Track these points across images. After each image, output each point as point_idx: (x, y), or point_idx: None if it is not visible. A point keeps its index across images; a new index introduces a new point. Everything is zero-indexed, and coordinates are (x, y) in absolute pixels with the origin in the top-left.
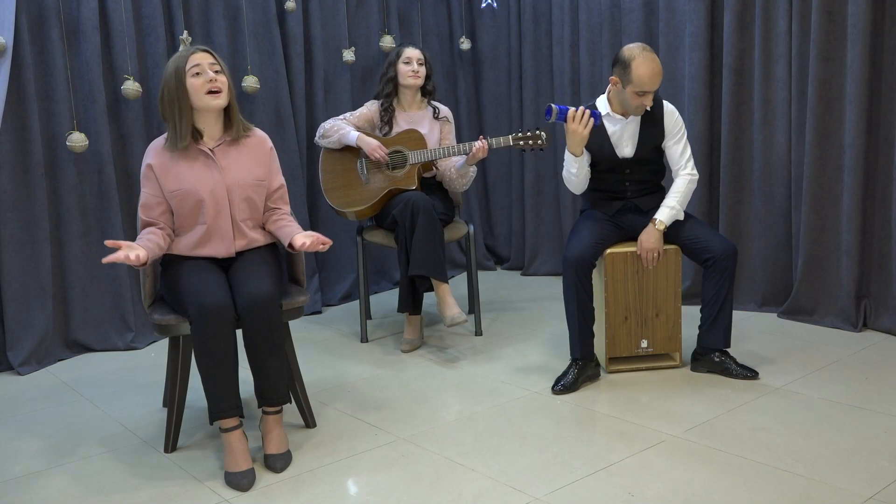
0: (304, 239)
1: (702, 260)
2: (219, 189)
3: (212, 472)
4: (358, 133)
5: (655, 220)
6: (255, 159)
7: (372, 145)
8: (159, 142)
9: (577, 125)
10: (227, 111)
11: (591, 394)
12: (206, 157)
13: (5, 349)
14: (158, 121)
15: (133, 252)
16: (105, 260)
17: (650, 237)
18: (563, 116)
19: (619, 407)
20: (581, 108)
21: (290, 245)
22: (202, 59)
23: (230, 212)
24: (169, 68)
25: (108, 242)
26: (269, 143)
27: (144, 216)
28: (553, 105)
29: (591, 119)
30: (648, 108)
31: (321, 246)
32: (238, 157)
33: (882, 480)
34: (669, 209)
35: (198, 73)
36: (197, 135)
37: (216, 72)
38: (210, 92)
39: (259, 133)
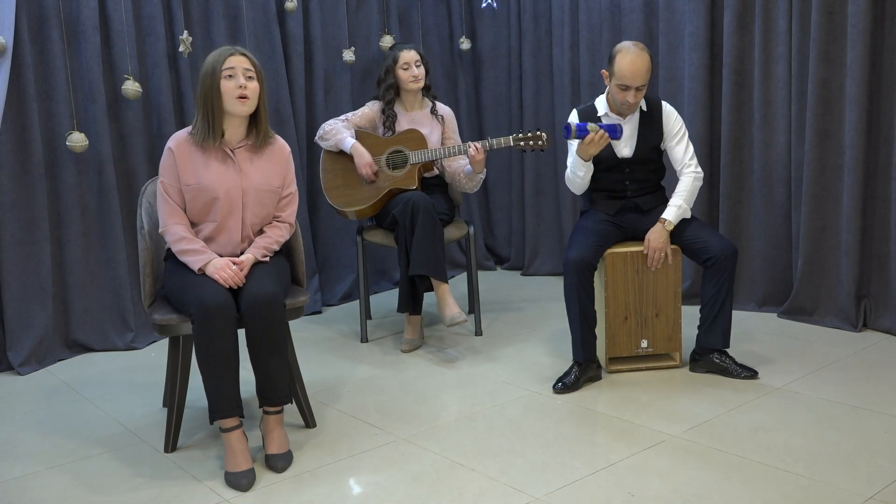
0: (241, 259)
1: (702, 260)
2: (234, 190)
3: (212, 472)
4: (354, 141)
5: (664, 219)
6: (274, 166)
7: (363, 160)
8: (182, 134)
9: (593, 146)
10: (253, 117)
11: (592, 394)
12: (227, 157)
13: (5, 349)
14: (158, 121)
15: (228, 269)
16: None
17: (658, 236)
18: (581, 135)
19: (619, 407)
20: (601, 131)
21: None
22: (238, 63)
23: (242, 214)
24: (207, 65)
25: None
26: (288, 150)
27: (168, 197)
28: (571, 123)
29: (609, 138)
30: (642, 107)
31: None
32: (258, 161)
33: (882, 480)
34: (676, 208)
35: (230, 76)
36: (219, 135)
37: (248, 78)
38: (239, 97)
39: (279, 140)
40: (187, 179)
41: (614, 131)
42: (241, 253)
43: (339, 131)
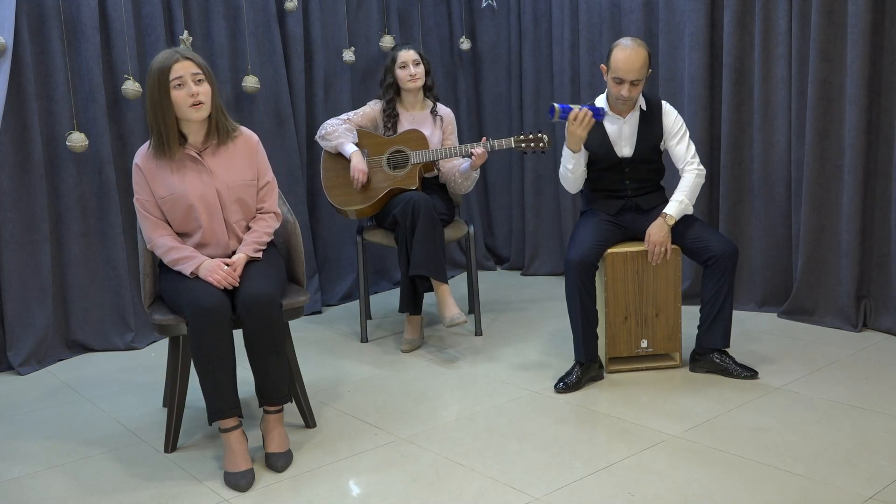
0: (233, 260)
1: (703, 260)
2: (209, 193)
3: (212, 472)
4: (356, 149)
5: (665, 214)
6: (244, 159)
7: (356, 168)
8: (146, 148)
9: (577, 126)
10: (211, 116)
11: (592, 393)
12: (193, 161)
13: (5, 349)
14: None
15: (220, 270)
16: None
17: (659, 231)
18: (565, 115)
19: (620, 407)
20: (584, 108)
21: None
22: (184, 70)
23: (223, 215)
24: (152, 76)
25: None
26: (255, 139)
27: (147, 213)
28: (556, 105)
29: (593, 119)
30: (641, 106)
31: (227, 280)
32: (226, 158)
33: (882, 480)
34: (678, 203)
35: (180, 85)
36: (182, 139)
37: (199, 81)
38: (193, 105)
39: (245, 132)
40: (160, 192)
41: (598, 112)
42: (234, 252)
43: (340, 134)
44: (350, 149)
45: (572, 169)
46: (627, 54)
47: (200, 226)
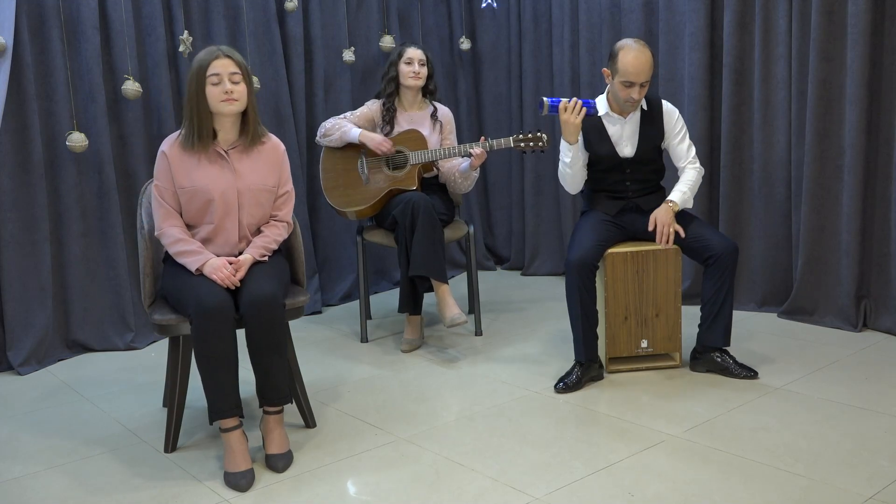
0: (238, 259)
1: (703, 259)
2: (230, 191)
3: (212, 472)
4: (360, 130)
5: (670, 200)
6: (269, 166)
7: (376, 140)
8: (175, 137)
9: (570, 115)
10: (244, 115)
11: (592, 393)
12: (220, 158)
13: (5, 349)
14: (159, 121)
15: (224, 269)
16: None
17: (665, 214)
18: (554, 110)
19: (619, 407)
20: (574, 98)
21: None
22: (223, 69)
23: (238, 215)
24: (192, 68)
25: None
26: (282, 148)
27: (163, 201)
28: (545, 98)
29: (584, 109)
30: (642, 106)
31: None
32: (252, 161)
33: (882, 480)
34: (682, 192)
35: (216, 83)
36: (212, 135)
37: (235, 82)
38: (225, 100)
39: (273, 139)
40: (182, 182)
41: (589, 105)
42: (240, 253)
43: (342, 125)
44: (356, 132)
45: (570, 163)
46: (636, 56)
47: (212, 222)
